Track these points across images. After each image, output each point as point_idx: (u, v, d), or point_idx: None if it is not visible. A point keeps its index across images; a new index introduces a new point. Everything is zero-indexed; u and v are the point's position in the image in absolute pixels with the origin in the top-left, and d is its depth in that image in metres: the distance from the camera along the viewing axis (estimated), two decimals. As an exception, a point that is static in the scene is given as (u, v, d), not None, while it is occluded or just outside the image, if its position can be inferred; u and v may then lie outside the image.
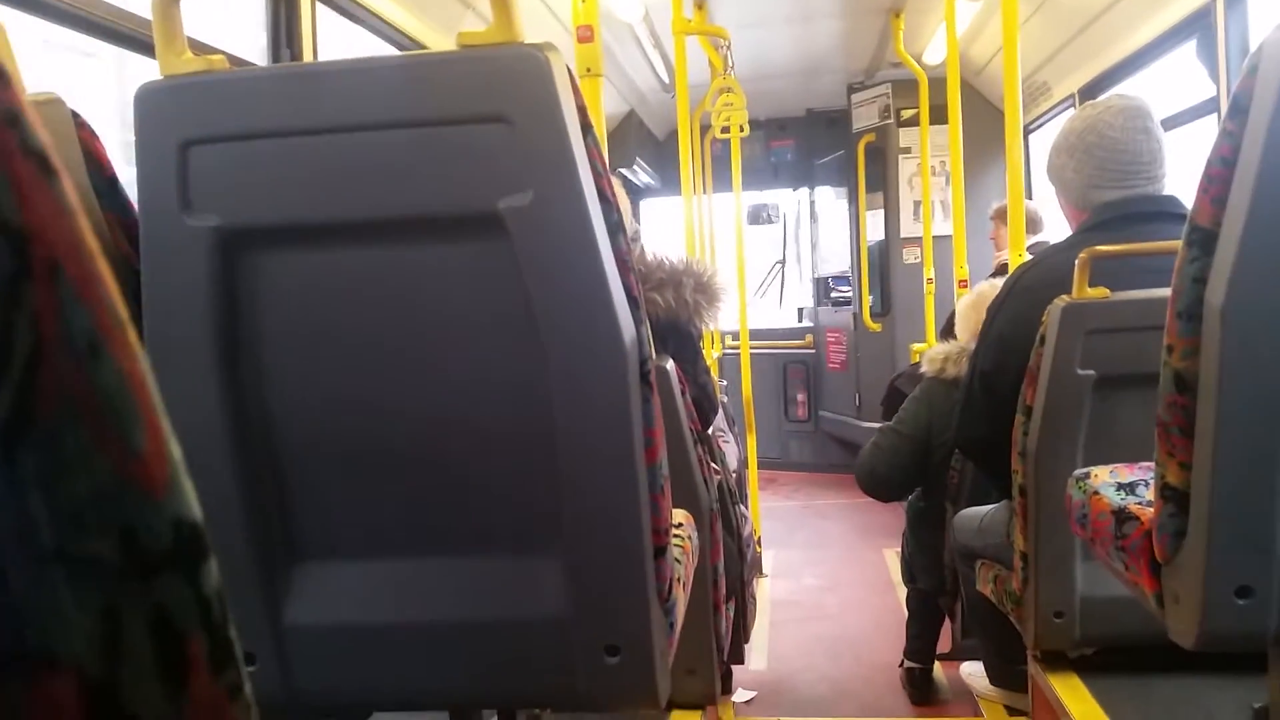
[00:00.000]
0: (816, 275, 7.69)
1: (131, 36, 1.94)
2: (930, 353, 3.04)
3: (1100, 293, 1.95)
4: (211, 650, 0.33)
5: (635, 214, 7.62)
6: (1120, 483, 1.56)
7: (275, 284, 1.14)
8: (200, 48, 1.14)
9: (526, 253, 1.07)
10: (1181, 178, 2.16)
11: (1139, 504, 1.46)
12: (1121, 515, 1.47)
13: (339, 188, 1.10)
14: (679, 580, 1.38)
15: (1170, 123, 3.68)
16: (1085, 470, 1.66)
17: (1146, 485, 1.51)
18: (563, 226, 1.07)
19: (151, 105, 1.11)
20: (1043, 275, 2.12)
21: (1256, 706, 1.50)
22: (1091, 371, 1.94)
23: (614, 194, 1.15)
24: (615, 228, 1.13)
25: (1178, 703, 1.93)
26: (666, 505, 1.22)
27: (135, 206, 1.16)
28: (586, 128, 1.11)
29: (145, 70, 1.83)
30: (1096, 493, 1.56)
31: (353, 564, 1.22)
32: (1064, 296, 1.96)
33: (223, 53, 1.16)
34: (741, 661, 2.82)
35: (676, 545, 1.48)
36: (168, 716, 0.31)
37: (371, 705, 1.30)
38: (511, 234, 1.07)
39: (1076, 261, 1.95)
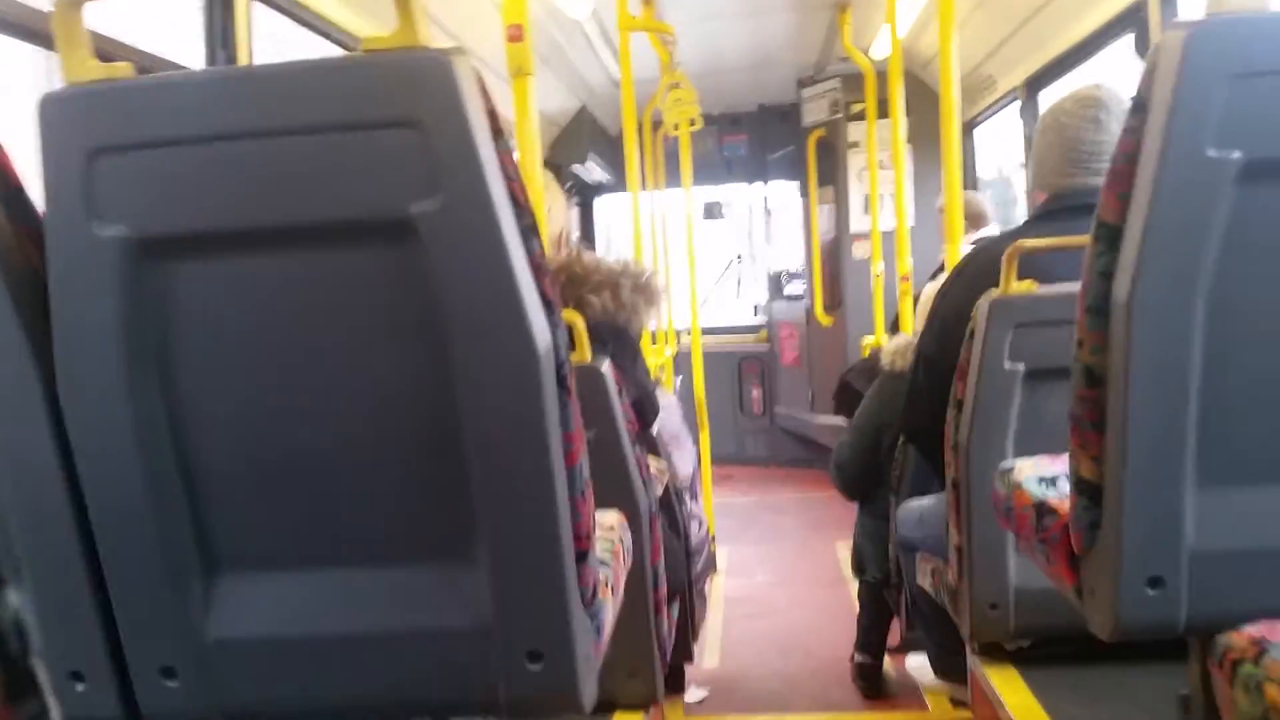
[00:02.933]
0: (771, 270, 7.73)
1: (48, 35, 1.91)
2: (885, 346, 3.08)
3: (1028, 286, 1.97)
4: (7, 680, 0.32)
5: (588, 211, 7.62)
6: (1041, 476, 1.58)
7: (186, 293, 1.13)
8: (122, 51, 1.12)
9: (437, 258, 1.07)
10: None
11: (1058, 497, 1.48)
12: (1041, 508, 1.48)
13: (248, 195, 1.09)
14: (606, 583, 1.38)
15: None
16: (1010, 463, 1.68)
17: (1067, 478, 1.53)
18: (472, 231, 1.07)
19: (55, 114, 1.09)
20: (987, 264, 2.13)
21: (1182, 693, 1.53)
22: (1020, 365, 1.96)
23: (526, 198, 1.15)
24: (528, 231, 1.13)
25: (1111, 692, 1.96)
26: (588, 509, 1.22)
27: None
28: (498, 132, 1.11)
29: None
30: (1019, 486, 1.58)
31: (272, 576, 1.21)
32: (992, 290, 1.98)
33: (140, 53, 1.14)
34: (691, 660, 2.83)
35: (605, 548, 1.48)
36: None
37: (297, 717, 1.29)
38: (422, 239, 1.06)
39: (1003, 256, 1.97)
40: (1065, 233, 1.98)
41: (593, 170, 6.85)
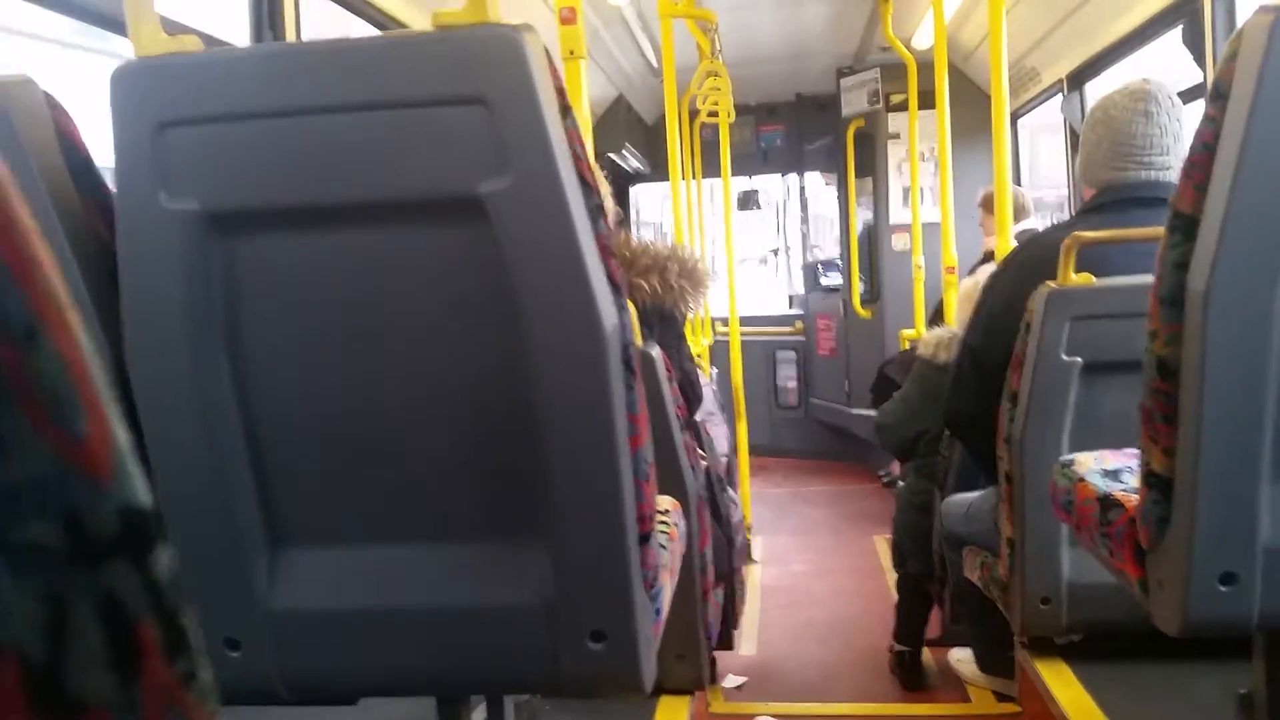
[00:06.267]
0: (807, 261, 7.68)
1: (106, 16, 1.92)
2: (925, 336, 3.05)
3: (1085, 279, 1.94)
4: (164, 637, 0.32)
5: (624, 199, 7.61)
6: (1105, 469, 1.56)
7: (254, 267, 1.13)
8: (175, 28, 1.12)
9: (505, 236, 1.06)
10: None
11: (1123, 490, 1.46)
12: (1106, 502, 1.46)
13: (317, 170, 1.09)
14: (665, 567, 1.37)
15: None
16: (1070, 457, 1.66)
17: (1131, 472, 1.50)
18: (541, 210, 1.06)
19: (127, 87, 1.09)
20: (1037, 255, 2.11)
21: (1242, 692, 1.50)
22: (1077, 358, 1.94)
23: (594, 178, 1.14)
24: (595, 211, 1.12)
25: (1164, 688, 1.93)
26: (651, 491, 1.22)
27: (111, 189, 1.14)
28: (565, 110, 1.10)
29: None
30: (1081, 479, 1.55)
31: (337, 549, 1.21)
32: (1049, 283, 1.95)
33: (197, 33, 1.14)
34: (730, 647, 2.83)
35: (663, 532, 1.47)
36: (118, 703, 0.30)
37: (356, 691, 1.29)
38: (490, 217, 1.06)
39: (1061, 247, 1.94)
40: (1116, 226, 1.95)
41: (628, 159, 6.84)
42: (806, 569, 4.54)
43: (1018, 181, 5.32)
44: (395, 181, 1.08)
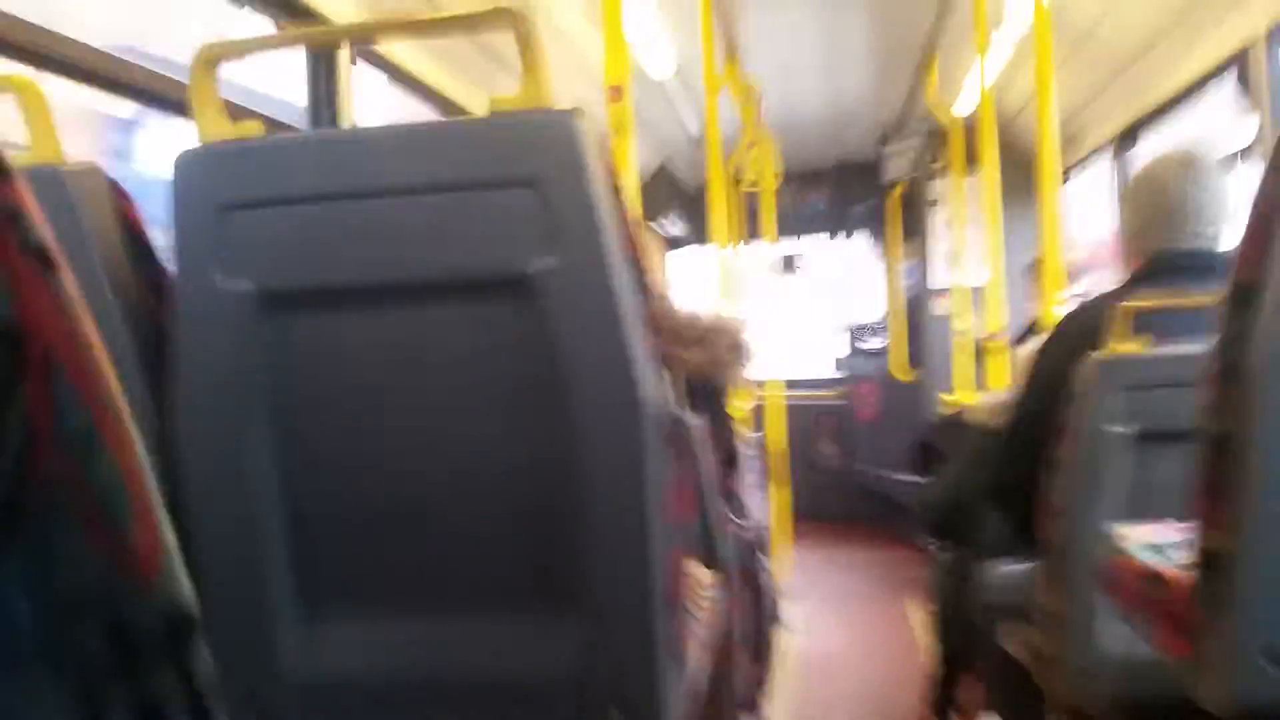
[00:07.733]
0: (849, 325, 7.66)
1: (169, 100, 2.00)
2: (977, 404, 3.02)
3: (1137, 347, 1.92)
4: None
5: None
6: (1150, 542, 1.53)
7: (302, 344, 1.16)
8: (239, 112, 1.18)
9: (552, 315, 1.09)
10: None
11: (1169, 565, 1.44)
12: (1151, 577, 1.44)
13: (372, 251, 1.12)
14: (696, 638, 1.37)
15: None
16: (1115, 528, 1.64)
17: (1176, 546, 1.48)
18: (589, 290, 1.09)
19: (190, 171, 1.14)
20: (1086, 325, 2.09)
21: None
22: (1125, 427, 1.91)
23: (641, 255, 1.17)
24: (641, 288, 1.15)
25: None
26: (684, 563, 1.22)
27: (168, 271, 1.19)
28: (616, 190, 1.13)
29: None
30: (1126, 552, 1.53)
31: (364, 621, 1.22)
32: (1099, 350, 1.94)
33: (260, 117, 1.19)
34: (760, 717, 2.78)
35: (696, 605, 1.47)
36: None
37: None
38: (538, 297, 1.08)
39: (1112, 315, 1.93)
40: (1167, 294, 1.93)
41: (671, 226, 6.90)
42: (840, 637, 4.47)
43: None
44: (445, 262, 1.11)
